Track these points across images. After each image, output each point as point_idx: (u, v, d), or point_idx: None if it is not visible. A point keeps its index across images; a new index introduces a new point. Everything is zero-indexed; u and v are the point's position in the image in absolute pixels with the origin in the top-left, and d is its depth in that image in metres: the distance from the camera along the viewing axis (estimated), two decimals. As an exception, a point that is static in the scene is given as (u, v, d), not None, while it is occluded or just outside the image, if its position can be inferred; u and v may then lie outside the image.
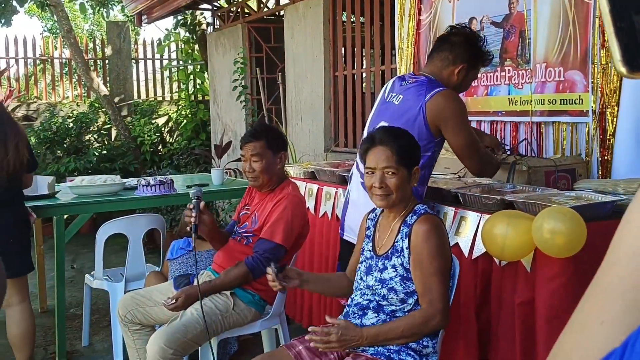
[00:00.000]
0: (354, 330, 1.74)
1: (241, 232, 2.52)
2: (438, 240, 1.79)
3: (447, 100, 2.16)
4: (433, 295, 1.75)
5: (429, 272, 1.76)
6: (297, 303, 3.45)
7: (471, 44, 2.27)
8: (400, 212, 1.87)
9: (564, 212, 1.82)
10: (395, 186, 1.81)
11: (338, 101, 4.86)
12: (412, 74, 2.38)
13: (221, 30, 6.71)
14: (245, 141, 2.44)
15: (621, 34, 0.37)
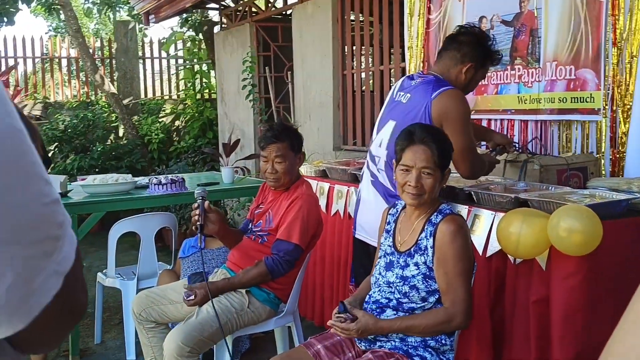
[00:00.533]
0: (374, 326, 1.77)
1: (256, 230, 2.54)
2: (464, 241, 1.80)
3: (453, 100, 2.16)
4: (457, 295, 1.76)
5: (453, 273, 1.77)
6: (308, 301, 3.46)
7: (479, 43, 2.27)
8: (425, 210, 1.87)
9: (580, 210, 1.83)
10: (430, 187, 1.80)
11: (347, 100, 4.87)
12: (421, 72, 2.38)
13: (229, 30, 6.73)
14: (268, 142, 2.42)
15: None
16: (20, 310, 0.50)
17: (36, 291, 0.51)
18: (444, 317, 1.77)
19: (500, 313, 2.17)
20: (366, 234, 2.35)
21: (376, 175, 2.33)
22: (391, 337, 1.83)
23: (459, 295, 1.76)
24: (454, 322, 1.77)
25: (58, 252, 0.52)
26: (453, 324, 1.77)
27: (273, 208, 2.51)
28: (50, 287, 0.52)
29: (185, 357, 2.18)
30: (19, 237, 0.48)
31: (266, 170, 2.43)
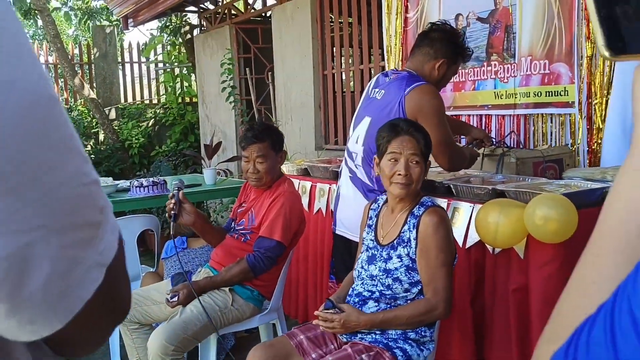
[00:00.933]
0: (357, 318, 1.79)
1: (239, 229, 2.54)
2: (446, 232, 1.83)
3: (426, 95, 2.19)
4: (438, 286, 1.79)
5: (435, 264, 1.80)
6: (292, 299, 3.47)
7: (450, 40, 2.32)
8: (407, 203, 1.90)
9: (555, 198, 1.86)
10: (418, 176, 1.85)
11: (328, 99, 4.90)
12: (395, 69, 2.42)
13: (208, 32, 6.72)
14: (249, 142, 2.44)
15: (604, 21, 0.41)
16: (59, 307, 0.44)
17: (76, 285, 0.45)
18: (425, 307, 1.80)
19: (481, 303, 2.20)
20: (346, 229, 2.37)
21: (354, 171, 2.36)
22: (371, 330, 1.85)
23: (440, 286, 1.79)
24: (435, 312, 1.79)
25: (99, 240, 0.46)
26: (435, 313, 1.80)
27: (255, 206, 2.52)
28: (91, 280, 0.46)
29: (170, 356, 2.18)
30: (56, 222, 0.42)
31: (248, 170, 2.44)
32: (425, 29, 2.42)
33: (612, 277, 0.42)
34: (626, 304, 0.37)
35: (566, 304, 0.45)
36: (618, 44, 0.42)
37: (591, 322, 0.39)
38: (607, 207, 0.45)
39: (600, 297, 0.41)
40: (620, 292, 0.38)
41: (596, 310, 0.40)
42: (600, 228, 0.45)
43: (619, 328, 0.36)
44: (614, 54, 0.42)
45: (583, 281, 0.44)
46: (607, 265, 0.43)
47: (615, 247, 0.43)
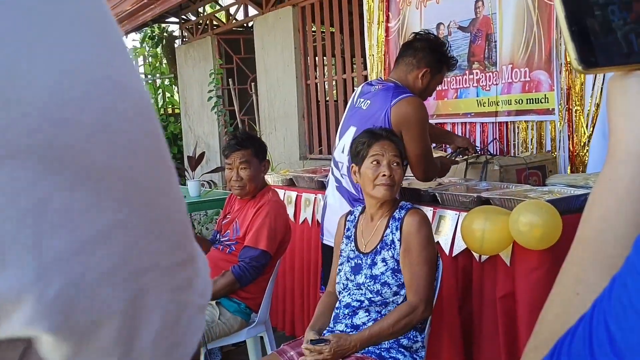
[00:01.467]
0: (345, 340, 1.74)
1: (223, 240, 2.53)
2: (428, 231, 1.87)
3: (412, 107, 2.20)
4: (419, 284, 1.79)
5: (417, 261, 1.81)
6: (279, 312, 3.45)
7: (434, 49, 2.32)
8: (387, 209, 1.92)
9: (539, 205, 1.88)
10: (399, 178, 1.90)
11: (311, 109, 4.90)
12: (380, 79, 2.43)
13: (190, 43, 6.70)
14: (232, 149, 2.45)
15: (576, 36, 0.42)
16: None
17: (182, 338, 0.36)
18: (407, 309, 1.79)
19: (469, 310, 2.21)
20: (333, 238, 2.37)
21: (340, 180, 2.36)
22: None
23: (421, 284, 1.80)
24: (417, 312, 1.78)
25: (198, 278, 0.37)
26: (417, 313, 1.78)
27: (240, 217, 2.50)
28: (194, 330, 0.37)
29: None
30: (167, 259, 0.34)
31: (231, 178, 2.44)
32: (409, 38, 2.43)
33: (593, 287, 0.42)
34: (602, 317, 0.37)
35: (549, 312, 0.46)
36: (590, 58, 0.43)
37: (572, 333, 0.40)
38: (585, 217, 0.45)
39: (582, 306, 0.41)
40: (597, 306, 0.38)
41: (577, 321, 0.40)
42: (579, 238, 0.46)
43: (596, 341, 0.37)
44: (586, 67, 0.43)
45: (565, 291, 0.45)
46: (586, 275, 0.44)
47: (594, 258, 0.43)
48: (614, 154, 0.44)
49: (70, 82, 0.29)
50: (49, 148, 0.28)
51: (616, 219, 0.43)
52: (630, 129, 0.43)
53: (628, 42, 0.43)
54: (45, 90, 0.28)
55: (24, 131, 0.27)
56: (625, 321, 0.35)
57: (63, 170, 0.28)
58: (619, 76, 0.45)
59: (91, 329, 0.30)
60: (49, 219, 0.27)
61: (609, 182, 0.44)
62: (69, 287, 0.28)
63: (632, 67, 0.44)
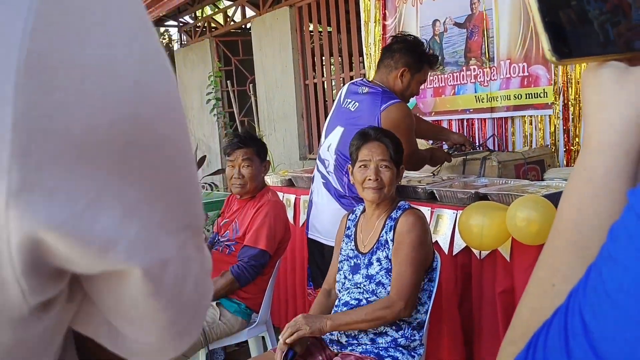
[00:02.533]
0: (317, 316, 1.81)
1: (222, 241, 2.53)
2: (421, 232, 1.84)
3: (401, 114, 2.26)
4: (402, 283, 1.78)
5: (404, 261, 1.80)
6: (281, 311, 3.45)
7: (411, 49, 2.36)
8: (385, 209, 1.92)
9: (536, 200, 1.88)
10: (389, 180, 1.88)
11: (310, 109, 4.91)
12: (365, 80, 2.46)
13: (189, 46, 6.71)
14: (234, 147, 2.47)
15: (549, 27, 0.42)
16: (198, 313, 0.43)
17: (204, 292, 0.43)
18: (384, 302, 1.78)
19: (469, 307, 2.20)
20: (319, 234, 2.40)
21: (327, 177, 2.39)
22: (362, 341, 1.84)
23: (404, 284, 1.77)
24: (394, 308, 1.76)
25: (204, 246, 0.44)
26: (393, 310, 1.76)
27: (239, 217, 2.51)
28: (209, 287, 0.45)
29: (158, 374, 2.15)
30: (195, 221, 0.41)
31: (232, 176, 2.45)
32: (389, 42, 2.47)
33: (568, 278, 0.42)
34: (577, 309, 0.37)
35: (526, 305, 0.46)
36: (563, 48, 0.43)
37: (547, 326, 0.40)
38: (561, 207, 0.45)
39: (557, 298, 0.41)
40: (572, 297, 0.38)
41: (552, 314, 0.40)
42: (555, 228, 0.45)
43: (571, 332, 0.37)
44: (560, 58, 0.43)
45: (541, 282, 0.45)
46: (562, 267, 0.43)
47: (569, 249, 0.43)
48: (589, 144, 0.44)
49: (146, 64, 0.36)
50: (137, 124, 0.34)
51: (592, 209, 0.43)
52: (605, 119, 0.43)
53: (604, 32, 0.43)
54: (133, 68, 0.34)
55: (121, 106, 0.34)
56: (600, 310, 0.35)
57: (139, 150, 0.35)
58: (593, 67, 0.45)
59: (163, 266, 0.37)
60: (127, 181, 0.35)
61: (584, 172, 0.44)
62: (142, 230, 0.35)
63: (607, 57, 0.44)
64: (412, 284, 1.78)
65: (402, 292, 1.77)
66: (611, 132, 0.43)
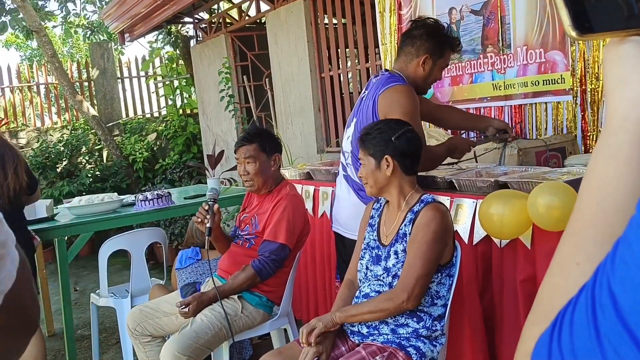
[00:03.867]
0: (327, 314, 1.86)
1: (243, 235, 2.55)
2: (438, 228, 1.80)
3: (397, 95, 2.16)
4: (409, 275, 1.77)
5: (415, 254, 1.78)
6: (302, 303, 3.47)
7: (431, 34, 2.28)
8: (402, 201, 1.91)
9: (557, 186, 1.86)
10: (367, 174, 1.91)
11: (327, 102, 4.90)
12: (386, 70, 2.41)
13: (204, 42, 6.74)
14: (238, 145, 2.50)
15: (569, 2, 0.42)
16: None
17: None
18: (388, 294, 1.79)
19: (490, 295, 2.20)
20: (340, 226, 2.40)
21: (346, 168, 2.38)
22: (382, 331, 1.84)
23: (411, 277, 1.76)
24: (396, 300, 1.76)
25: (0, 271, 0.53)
26: (396, 301, 1.76)
27: (258, 212, 2.53)
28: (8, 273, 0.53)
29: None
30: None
31: (240, 173, 2.48)
32: (408, 27, 2.41)
33: (593, 256, 0.42)
34: (605, 282, 0.37)
35: (550, 284, 0.46)
36: (584, 23, 0.42)
37: (574, 304, 0.39)
38: (584, 185, 0.45)
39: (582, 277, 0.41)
40: (600, 272, 0.38)
41: (578, 291, 0.40)
42: (578, 207, 0.45)
43: (599, 307, 0.37)
44: (580, 33, 0.42)
45: (565, 262, 0.45)
46: (586, 245, 0.43)
47: (594, 227, 0.43)
48: (612, 121, 0.44)
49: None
50: None
51: (615, 186, 0.42)
52: (627, 96, 0.43)
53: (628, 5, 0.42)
54: None
55: None
56: (630, 282, 0.35)
57: None
58: (614, 42, 0.44)
59: None
60: None
61: (607, 149, 0.43)
62: None
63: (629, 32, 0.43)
64: (418, 277, 1.76)
65: (406, 285, 1.76)
66: (634, 108, 0.42)
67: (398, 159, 1.87)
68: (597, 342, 0.36)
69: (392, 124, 1.93)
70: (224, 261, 2.57)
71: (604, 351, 0.35)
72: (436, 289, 1.86)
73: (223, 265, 2.58)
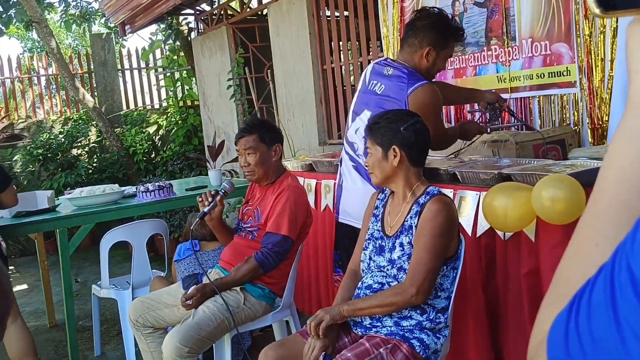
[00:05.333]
0: (333, 306, 1.87)
1: (245, 227, 2.55)
2: (444, 221, 1.80)
3: (428, 96, 2.22)
4: (417, 269, 1.76)
5: (423, 248, 1.77)
6: (304, 296, 3.47)
7: (434, 26, 2.27)
8: (408, 192, 1.90)
9: (561, 179, 1.85)
10: (373, 163, 1.91)
11: (328, 94, 4.88)
12: (390, 60, 2.38)
13: (206, 34, 6.72)
14: (238, 136, 2.51)
15: None
16: None
17: None
18: (397, 288, 1.79)
19: (494, 288, 2.19)
20: (351, 217, 2.37)
21: (357, 160, 2.36)
22: (385, 323, 1.84)
23: (419, 270, 1.75)
24: (406, 294, 1.75)
25: None
26: (406, 295, 1.75)
27: (261, 204, 2.52)
28: None
29: (185, 358, 2.18)
30: None
31: (241, 164, 2.48)
32: (412, 17, 2.39)
33: (612, 238, 0.42)
34: (625, 262, 0.36)
35: (567, 266, 0.45)
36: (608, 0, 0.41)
37: (592, 284, 0.39)
38: (604, 166, 0.44)
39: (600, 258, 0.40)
40: (619, 252, 0.38)
41: (597, 271, 0.39)
42: (597, 188, 0.44)
43: (618, 287, 0.36)
44: (605, 10, 0.42)
45: (583, 243, 0.44)
46: (605, 226, 0.43)
47: (613, 208, 0.42)
48: (634, 101, 0.43)
49: None
50: None
51: (635, 169, 0.42)
52: None
53: None
54: None
55: None
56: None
57: None
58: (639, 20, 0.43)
59: None
60: None
61: (629, 130, 0.43)
62: None
63: None
64: (427, 271, 1.76)
65: (415, 279, 1.75)
66: None
67: (405, 149, 1.86)
68: (615, 323, 0.36)
69: (401, 114, 1.93)
70: (227, 253, 2.57)
71: (622, 332, 0.35)
72: (440, 282, 1.85)
73: (225, 257, 2.57)
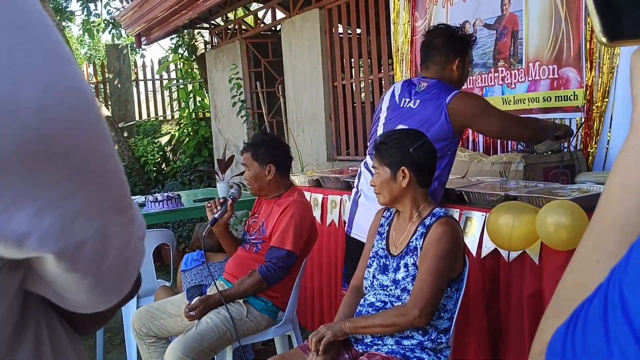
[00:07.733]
0: (336, 322, 1.86)
1: (250, 239, 2.57)
2: (449, 244, 1.79)
3: (467, 100, 2.26)
4: (420, 292, 1.75)
5: (427, 270, 1.77)
6: (307, 311, 3.48)
7: (453, 39, 2.34)
8: (414, 213, 1.90)
9: (566, 205, 1.85)
10: (380, 183, 1.90)
11: (338, 110, 4.92)
12: (421, 77, 2.41)
13: (219, 48, 6.80)
14: (241, 152, 2.67)
15: (600, 8, 0.43)
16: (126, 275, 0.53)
17: (133, 256, 0.53)
18: (400, 310, 1.78)
19: (496, 309, 2.19)
20: (364, 234, 2.36)
21: None
22: (387, 342, 1.84)
23: (423, 293, 1.75)
24: (409, 316, 1.74)
25: (136, 217, 0.54)
26: (408, 317, 1.74)
27: (266, 217, 2.55)
28: (140, 251, 0.54)
29: (186, 369, 2.19)
30: (118, 204, 0.50)
31: (244, 177, 2.62)
32: (425, 39, 2.42)
33: (613, 255, 0.43)
34: (618, 282, 0.38)
35: (569, 281, 0.47)
36: (615, 29, 0.43)
37: (590, 301, 0.40)
38: (608, 185, 0.45)
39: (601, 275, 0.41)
40: (615, 272, 0.39)
41: (595, 290, 0.41)
42: (601, 206, 0.46)
43: (610, 306, 0.38)
44: (611, 39, 0.43)
45: (585, 259, 0.45)
46: (607, 244, 0.44)
47: (615, 226, 0.44)
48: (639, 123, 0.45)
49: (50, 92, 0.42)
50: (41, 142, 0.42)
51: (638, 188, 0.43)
52: None
53: None
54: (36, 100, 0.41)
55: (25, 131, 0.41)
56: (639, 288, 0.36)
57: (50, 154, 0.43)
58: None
59: (79, 247, 0.47)
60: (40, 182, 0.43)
61: (632, 151, 0.44)
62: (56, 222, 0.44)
63: None
64: (430, 294, 1.75)
65: (418, 302, 1.75)
66: None
67: (415, 170, 1.86)
68: (605, 340, 0.37)
69: (409, 134, 1.92)
70: (231, 265, 2.59)
71: (610, 349, 0.36)
72: (443, 303, 1.85)
73: (229, 268, 2.59)
